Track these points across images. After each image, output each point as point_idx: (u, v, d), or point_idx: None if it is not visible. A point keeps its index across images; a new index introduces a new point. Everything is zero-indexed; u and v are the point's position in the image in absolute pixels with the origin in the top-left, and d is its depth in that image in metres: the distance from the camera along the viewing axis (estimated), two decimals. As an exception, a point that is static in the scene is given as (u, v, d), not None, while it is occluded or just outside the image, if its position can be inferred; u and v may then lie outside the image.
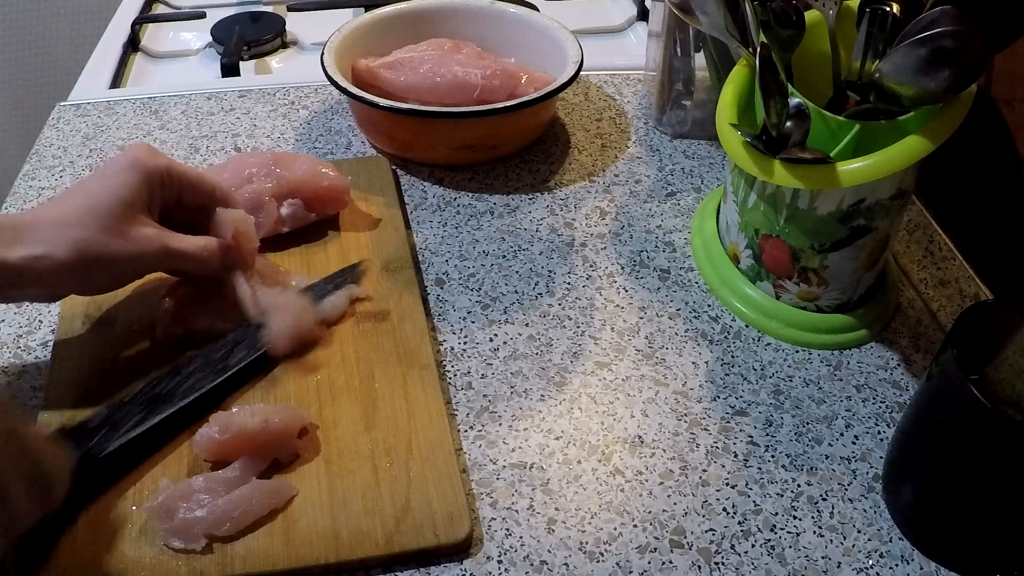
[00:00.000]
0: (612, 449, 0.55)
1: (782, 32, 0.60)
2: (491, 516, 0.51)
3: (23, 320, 0.62)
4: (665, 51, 0.79)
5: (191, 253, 0.55)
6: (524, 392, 0.58)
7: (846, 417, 0.57)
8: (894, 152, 0.53)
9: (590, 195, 0.76)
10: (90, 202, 0.51)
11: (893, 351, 0.62)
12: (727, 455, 0.55)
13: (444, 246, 0.70)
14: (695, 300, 0.66)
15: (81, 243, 0.50)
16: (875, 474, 0.54)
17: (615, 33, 1.02)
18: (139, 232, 0.52)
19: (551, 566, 0.49)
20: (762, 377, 0.60)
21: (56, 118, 0.83)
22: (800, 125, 0.55)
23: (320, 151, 0.80)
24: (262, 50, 0.97)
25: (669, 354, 0.61)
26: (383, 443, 0.53)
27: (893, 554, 0.50)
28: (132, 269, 0.54)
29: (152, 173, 0.54)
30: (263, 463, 0.51)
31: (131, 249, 0.52)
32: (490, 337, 0.62)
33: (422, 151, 0.77)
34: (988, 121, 0.60)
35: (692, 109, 0.81)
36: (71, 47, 1.56)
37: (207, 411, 0.53)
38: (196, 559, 0.47)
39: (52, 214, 0.51)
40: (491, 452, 0.54)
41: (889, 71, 0.51)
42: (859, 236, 0.59)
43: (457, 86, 0.76)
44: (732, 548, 0.50)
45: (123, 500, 0.50)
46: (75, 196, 0.52)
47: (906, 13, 0.54)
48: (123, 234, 0.51)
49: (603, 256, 0.69)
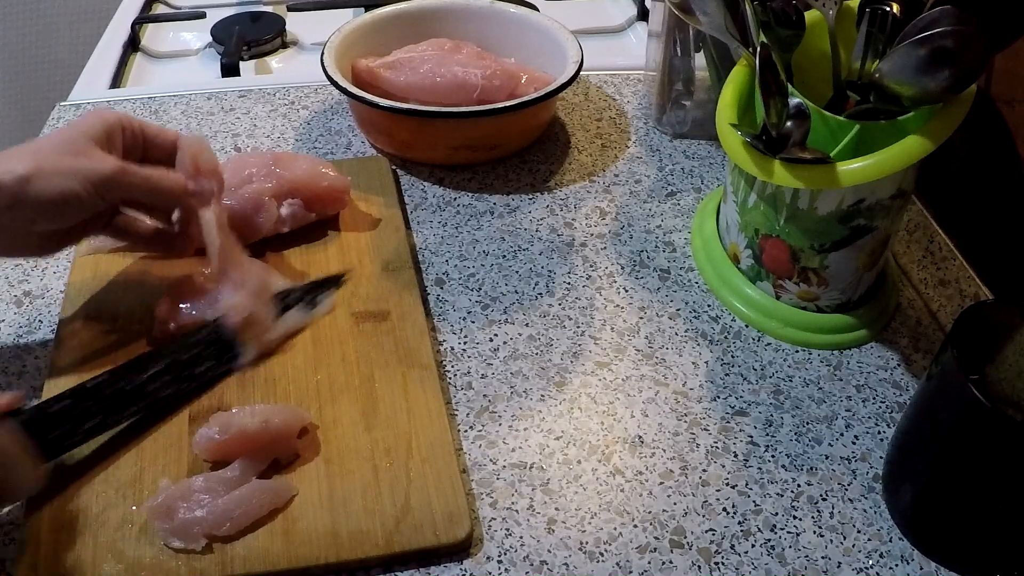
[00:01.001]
0: (612, 449, 0.55)
1: (782, 32, 0.60)
2: (491, 516, 0.51)
3: (23, 320, 0.62)
4: (665, 51, 0.79)
5: (146, 175, 0.55)
6: (524, 392, 0.58)
7: (846, 417, 0.57)
8: (894, 152, 0.53)
9: (590, 195, 0.76)
10: (52, 137, 0.53)
11: (893, 351, 0.62)
12: (727, 455, 0.55)
13: (444, 246, 0.70)
14: (695, 300, 0.66)
15: (40, 158, 0.51)
16: (875, 474, 0.54)
17: (615, 33, 1.02)
18: (95, 152, 0.53)
19: (551, 566, 0.49)
20: (762, 377, 0.60)
21: (56, 118, 0.84)
22: (800, 125, 0.55)
23: (320, 151, 0.80)
24: (262, 50, 0.97)
25: (669, 354, 0.61)
26: (383, 443, 0.53)
27: (893, 554, 0.50)
28: (91, 187, 0.52)
29: (112, 120, 0.55)
30: (263, 463, 0.51)
31: (88, 164, 0.52)
32: (490, 337, 0.62)
33: (422, 151, 0.77)
34: (988, 121, 0.60)
35: (692, 109, 0.81)
36: (71, 47, 1.56)
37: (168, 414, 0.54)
38: (196, 559, 0.47)
39: (17, 147, 0.53)
40: (491, 452, 0.54)
41: (889, 71, 0.51)
42: (859, 236, 0.59)
43: (457, 86, 0.76)
44: (732, 548, 0.50)
45: (123, 500, 0.50)
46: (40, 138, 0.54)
47: (906, 13, 0.54)
48: (79, 153, 0.53)
49: (603, 256, 0.69)
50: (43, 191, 0.51)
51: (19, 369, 0.59)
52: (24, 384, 0.58)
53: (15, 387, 0.57)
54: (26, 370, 0.59)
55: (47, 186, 0.51)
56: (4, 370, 0.59)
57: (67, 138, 0.53)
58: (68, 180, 0.51)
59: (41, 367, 0.59)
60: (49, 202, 0.51)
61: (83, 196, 0.52)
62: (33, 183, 0.51)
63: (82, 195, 0.52)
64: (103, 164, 0.53)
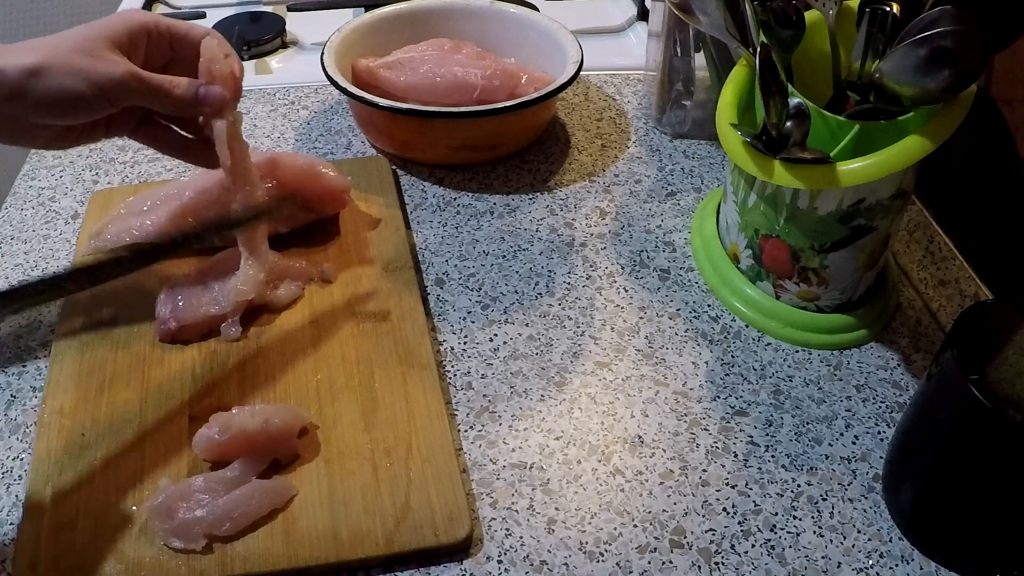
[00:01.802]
0: (612, 449, 0.55)
1: (782, 32, 0.60)
2: (491, 516, 0.51)
3: (23, 320, 0.62)
4: (665, 51, 0.79)
5: (156, 83, 0.53)
6: (524, 392, 0.58)
7: (846, 417, 0.57)
8: (894, 152, 0.53)
9: (590, 195, 0.76)
10: (72, 33, 0.52)
11: (893, 351, 0.62)
12: (727, 455, 0.55)
13: (444, 246, 0.70)
14: (695, 300, 0.66)
15: (51, 53, 0.50)
16: (875, 474, 0.54)
17: (615, 33, 1.02)
18: (109, 55, 0.52)
19: (551, 566, 0.49)
20: (762, 377, 0.60)
21: (56, 118, 0.83)
22: (800, 125, 0.55)
23: (320, 151, 0.80)
24: (262, 50, 0.97)
25: (669, 354, 0.61)
26: (383, 443, 0.53)
27: (893, 554, 0.50)
28: (97, 90, 0.51)
29: (136, 23, 0.54)
30: (263, 463, 0.51)
31: (96, 67, 0.51)
32: (490, 337, 0.62)
33: (422, 151, 0.77)
34: (988, 121, 0.60)
35: (692, 109, 0.81)
36: (71, 47, 1.55)
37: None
38: (196, 559, 0.47)
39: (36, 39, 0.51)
40: (491, 452, 0.54)
41: (889, 71, 0.51)
42: (859, 236, 0.59)
43: (457, 86, 0.76)
44: (732, 548, 0.50)
45: (123, 500, 0.50)
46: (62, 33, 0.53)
47: (906, 13, 0.54)
48: (92, 54, 0.51)
49: (603, 256, 0.69)
50: (47, 87, 0.50)
51: (19, 369, 0.59)
52: (24, 384, 0.58)
53: (15, 387, 0.57)
54: (26, 370, 0.59)
55: (51, 83, 0.50)
56: (4, 370, 0.59)
57: (85, 36, 0.51)
58: (74, 79, 0.50)
59: (41, 367, 0.59)
60: (52, 99, 0.50)
61: (88, 97, 0.51)
62: (38, 78, 0.49)
63: (88, 96, 0.51)
64: (113, 68, 0.51)
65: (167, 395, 0.56)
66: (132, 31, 0.53)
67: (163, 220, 0.64)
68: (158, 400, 0.55)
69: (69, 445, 0.52)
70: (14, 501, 0.51)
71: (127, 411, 0.54)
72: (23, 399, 0.57)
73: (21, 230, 0.70)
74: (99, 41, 0.52)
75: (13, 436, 0.55)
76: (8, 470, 0.53)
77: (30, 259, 0.67)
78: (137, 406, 0.55)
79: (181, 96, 0.54)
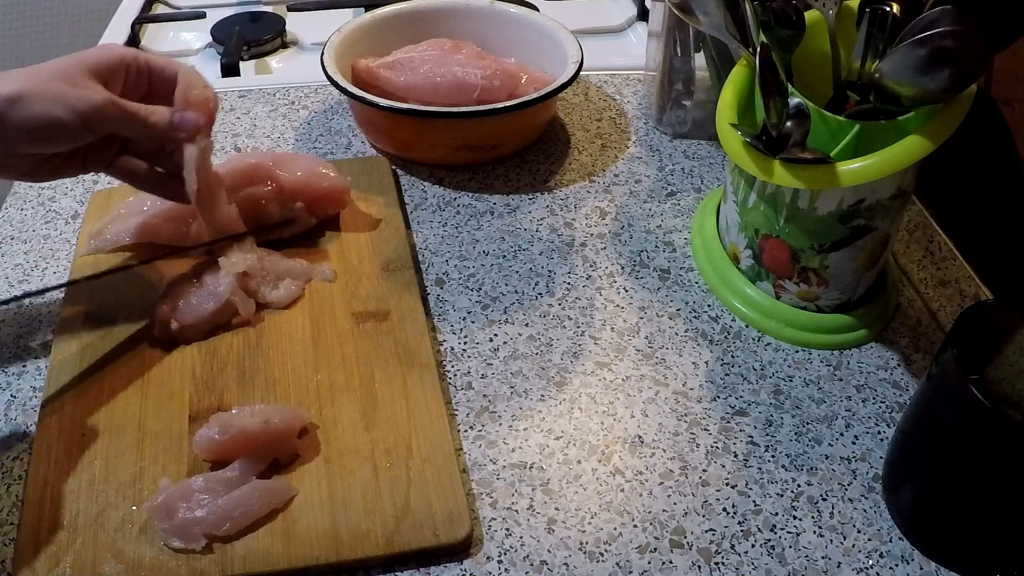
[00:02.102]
0: (612, 449, 0.55)
1: (782, 32, 0.60)
2: (491, 516, 0.51)
3: (23, 320, 0.62)
4: (665, 51, 0.79)
5: (133, 109, 0.54)
6: (524, 392, 0.58)
7: (846, 417, 0.57)
8: (894, 152, 0.53)
9: (590, 195, 0.76)
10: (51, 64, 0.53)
11: (893, 351, 0.62)
12: (727, 455, 0.55)
13: (444, 246, 0.70)
14: (695, 300, 0.66)
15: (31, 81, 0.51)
16: (875, 474, 0.54)
17: (615, 33, 1.02)
18: (88, 83, 0.53)
19: (551, 566, 0.49)
20: (762, 377, 0.60)
21: (56, 118, 0.83)
22: (800, 125, 0.55)
23: (320, 151, 0.80)
24: (262, 50, 0.97)
25: (669, 354, 0.61)
26: (383, 443, 0.53)
27: (893, 554, 0.50)
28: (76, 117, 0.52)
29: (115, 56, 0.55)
30: (263, 463, 0.51)
31: (76, 94, 0.52)
32: (490, 337, 0.62)
33: (422, 151, 0.77)
34: (988, 121, 0.60)
35: (692, 109, 0.81)
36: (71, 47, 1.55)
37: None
38: (196, 559, 0.47)
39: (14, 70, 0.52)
40: (491, 452, 0.54)
41: (889, 71, 0.51)
42: (859, 236, 0.59)
43: (457, 86, 0.76)
44: (732, 548, 0.50)
45: (123, 500, 0.50)
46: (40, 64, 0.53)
47: (906, 13, 0.54)
48: (71, 82, 0.52)
49: (603, 256, 0.69)
50: (27, 114, 0.50)
51: (19, 369, 0.59)
52: (24, 384, 0.58)
53: (15, 387, 0.57)
54: (26, 370, 0.59)
55: (31, 110, 0.50)
56: (4, 370, 0.59)
57: (64, 66, 0.52)
58: (54, 106, 0.51)
59: (41, 367, 0.59)
60: (31, 127, 0.51)
61: (68, 124, 0.52)
62: (18, 105, 0.50)
63: (67, 123, 0.51)
64: (92, 95, 0.52)
65: (167, 395, 0.56)
66: (111, 63, 0.55)
67: (162, 221, 0.64)
68: (158, 400, 0.55)
69: (69, 445, 0.52)
70: (14, 501, 0.51)
71: (127, 411, 0.54)
72: (23, 399, 0.57)
73: (21, 230, 0.70)
74: (78, 70, 0.53)
75: (13, 436, 0.55)
76: (8, 470, 0.53)
77: (30, 259, 0.67)
78: (137, 406, 0.55)
79: (156, 122, 0.55)
